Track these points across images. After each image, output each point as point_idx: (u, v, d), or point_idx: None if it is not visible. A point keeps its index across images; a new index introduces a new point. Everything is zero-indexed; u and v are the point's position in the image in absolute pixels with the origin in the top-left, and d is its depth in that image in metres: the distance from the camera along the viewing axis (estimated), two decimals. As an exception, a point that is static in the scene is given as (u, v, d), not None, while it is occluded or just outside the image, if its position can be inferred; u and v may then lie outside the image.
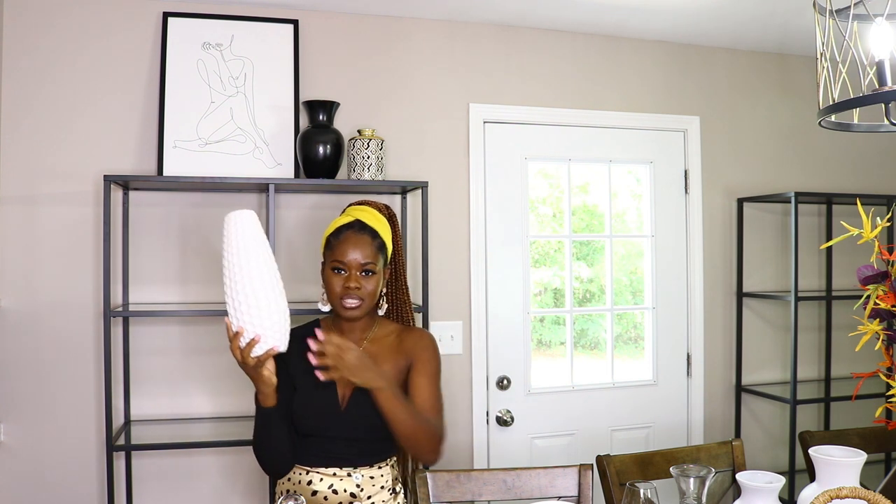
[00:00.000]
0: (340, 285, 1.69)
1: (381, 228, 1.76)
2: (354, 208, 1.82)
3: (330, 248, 1.73)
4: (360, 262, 1.69)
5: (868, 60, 1.40)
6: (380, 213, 1.81)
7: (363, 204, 1.84)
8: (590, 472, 1.93)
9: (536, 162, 2.96)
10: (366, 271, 1.70)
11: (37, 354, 2.44)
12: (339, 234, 1.72)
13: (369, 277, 1.71)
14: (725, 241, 3.19)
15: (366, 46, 2.74)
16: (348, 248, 1.70)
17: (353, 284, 1.68)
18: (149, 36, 2.53)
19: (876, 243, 1.69)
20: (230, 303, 1.48)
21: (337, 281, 1.70)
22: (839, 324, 3.28)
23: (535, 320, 2.98)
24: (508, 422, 2.86)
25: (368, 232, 1.72)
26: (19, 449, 2.43)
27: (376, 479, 1.72)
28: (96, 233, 2.48)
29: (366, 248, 1.70)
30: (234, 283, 1.45)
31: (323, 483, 1.68)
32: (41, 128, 2.45)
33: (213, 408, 2.57)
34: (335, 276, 1.71)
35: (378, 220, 1.78)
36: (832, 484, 1.55)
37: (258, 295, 1.46)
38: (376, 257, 1.72)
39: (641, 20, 2.83)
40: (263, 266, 1.48)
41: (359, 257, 1.69)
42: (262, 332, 1.48)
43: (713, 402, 3.15)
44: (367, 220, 1.75)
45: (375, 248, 1.72)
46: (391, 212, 1.87)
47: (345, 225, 1.74)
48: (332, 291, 1.71)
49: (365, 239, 1.71)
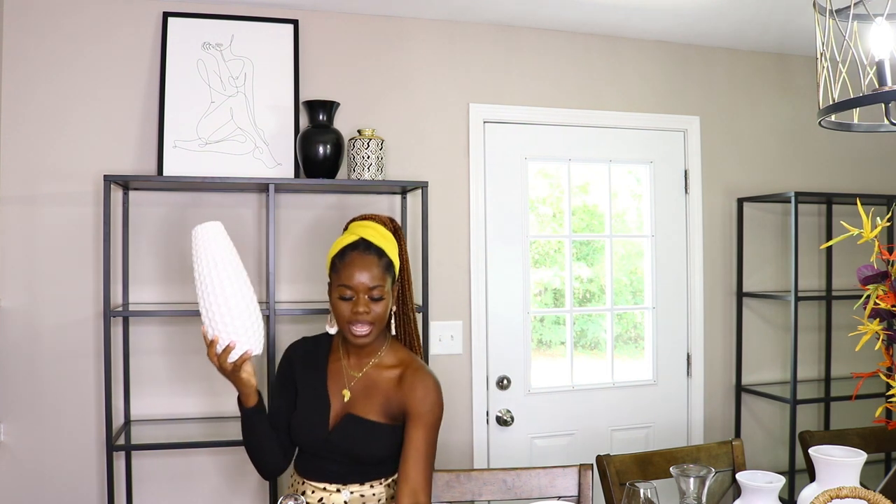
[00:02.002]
0: (349, 311, 1.63)
1: (387, 245, 1.70)
2: (358, 224, 1.74)
3: (336, 271, 1.66)
4: (368, 286, 1.62)
5: (868, 60, 1.40)
6: (384, 228, 1.74)
7: (366, 219, 1.76)
8: (590, 472, 1.93)
9: (536, 162, 2.96)
10: (374, 294, 1.63)
11: (37, 354, 2.44)
12: (345, 256, 1.65)
13: (378, 302, 1.64)
14: (725, 241, 3.19)
15: (366, 46, 2.74)
16: (354, 271, 1.62)
17: (361, 309, 1.62)
18: (149, 36, 2.54)
19: (876, 243, 1.69)
20: (204, 312, 1.53)
21: (345, 307, 1.63)
22: (839, 324, 3.28)
23: (535, 320, 2.98)
24: (508, 422, 2.86)
25: (374, 251, 1.65)
26: (19, 449, 2.43)
27: (367, 497, 1.68)
28: (96, 233, 2.48)
29: (373, 270, 1.63)
30: (206, 294, 1.50)
31: (315, 496, 1.68)
32: (41, 128, 2.45)
33: (214, 408, 2.57)
34: (342, 303, 1.64)
35: (383, 237, 1.70)
36: (832, 484, 1.55)
37: (230, 304, 1.50)
38: (384, 278, 1.65)
39: (641, 20, 2.83)
40: (233, 274, 1.52)
41: (366, 280, 1.62)
42: (235, 339, 1.52)
43: (713, 402, 3.15)
44: (371, 237, 1.68)
45: (382, 269, 1.65)
46: (396, 225, 1.79)
47: (349, 245, 1.67)
48: (341, 317, 1.65)
49: (371, 259, 1.64)
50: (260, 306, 2.41)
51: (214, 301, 1.50)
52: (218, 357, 1.55)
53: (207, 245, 1.51)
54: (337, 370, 1.74)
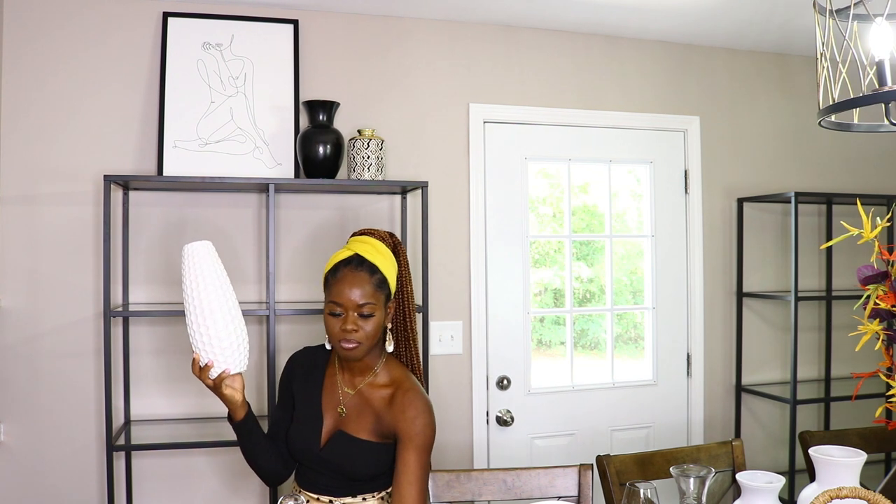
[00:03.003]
0: (338, 327, 1.62)
1: (382, 262, 1.67)
2: (355, 240, 1.73)
3: (328, 287, 1.66)
4: (357, 303, 1.60)
5: (868, 60, 1.40)
6: (382, 244, 1.71)
7: (365, 234, 1.75)
8: (590, 472, 1.93)
9: (536, 162, 2.96)
10: (364, 312, 1.61)
11: (37, 354, 2.44)
12: (336, 273, 1.64)
13: (367, 319, 1.62)
14: (725, 241, 3.19)
15: (366, 46, 2.74)
16: (344, 287, 1.61)
17: (350, 327, 1.60)
18: (149, 36, 2.53)
19: (876, 243, 1.69)
20: (189, 331, 1.58)
21: (334, 323, 1.62)
22: (839, 324, 3.28)
23: (535, 320, 2.98)
24: (508, 422, 2.86)
25: (367, 268, 1.63)
26: (19, 449, 2.43)
27: None
28: (96, 233, 2.48)
29: (364, 287, 1.61)
30: (191, 313, 1.56)
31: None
32: (41, 128, 2.45)
33: (214, 408, 2.56)
34: (332, 319, 1.63)
35: (379, 253, 1.68)
36: (832, 484, 1.55)
37: (209, 324, 1.55)
38: (375, 296, 1.63)
39: (641, 20, 2.83)
40: (220, 296, 1.56)
41: (356, 297, 1.60)
42: (213, 359, 1.57)
43: (713, 402, 3.15)
44: (366, 253, 1.66)
45: (374, 286, 1.63)
46: (396, 240, 1.77)
47: (343, 261, 1.65)
48: (331, 333, 1.64)
49: (362, 276, 1.62)
50: (260, 306, 2.42)
51: (195, 321, 1.55)
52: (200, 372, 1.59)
53: (195, 264, 1.55)
54: (332, 385, 1.74)
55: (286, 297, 2.63)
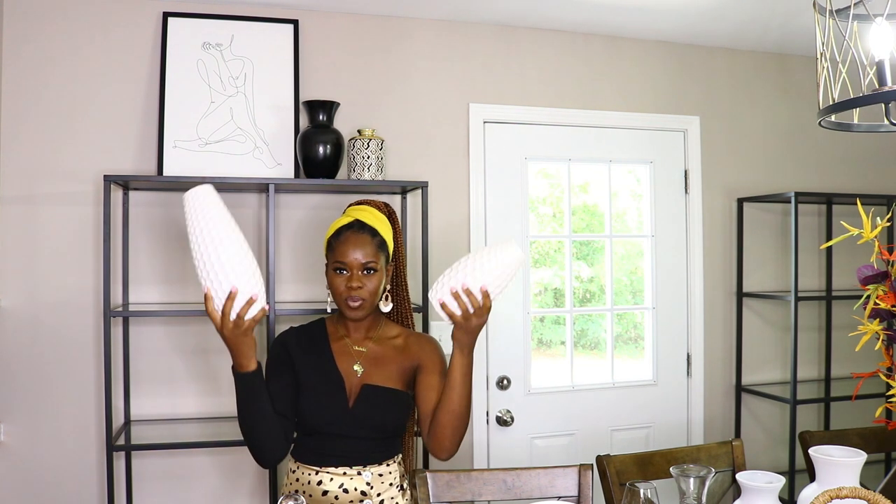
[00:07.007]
0: (343, 285, 1.70)
1: (381, 226, 1.78)
2: (354, 208, 1.83)
3: (331, 250, 1.75)
4: (361, 262, 1.71)
5: (868, 60, 1.40)
6: (379, 212, 1.83)
7: (362, 203, 1.86)
8: (590, 472, 1.93)
9: (536, 162, 2.96)
10: (367, 269, 1.71)
11: (37, 354, 2.44)
12: (339, 235, 1.74)
13: (371, 276, 1.72)
14: (725, 241, 3.19)
15: (366, 46, 2.74)
16: (348, 248, 1.71)
17: (355, 284, 1.69)
18: (149, 36, 2.53)
19: (876, 243, 1.69)
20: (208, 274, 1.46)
21: (340, 281, 1.71)
22: (839, 324, 3.28)
23: (535, 320, 2.98)
24: (508, 422, 2.86)
25: (368, 231, 1.74)
26: (19, 449, 2.43)
27: (385, 476, 1.73)
28: (96, 233, 2.48)
29: (366, 247, 1.72)
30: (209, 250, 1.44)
31: (333, 483, 1.68)
32: (41, 128, 2.45)
33: (214, 408, 2.57)
34: (337, 277, 1.72)
35: (377, 219, 1.79)
36: (832, 484, 1.55)
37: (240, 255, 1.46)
38: (377, 255, 1.73)
39: (641, 20, 2.83)
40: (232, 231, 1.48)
41: (359, 256, 1.71)
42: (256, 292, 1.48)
43: (713, 402, 3.15)
44: (366, 219, 1.76)
45: (376, 247, 1.73)
46: (391, 209, 1.88)
47: (344, 226, 1.75)
48: (336, 292, 1.72)
49: (364, 238, 1.72)
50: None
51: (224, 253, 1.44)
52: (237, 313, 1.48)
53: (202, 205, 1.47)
54: (342, 348, 1.77)
55: (286, 296, 2.63)
